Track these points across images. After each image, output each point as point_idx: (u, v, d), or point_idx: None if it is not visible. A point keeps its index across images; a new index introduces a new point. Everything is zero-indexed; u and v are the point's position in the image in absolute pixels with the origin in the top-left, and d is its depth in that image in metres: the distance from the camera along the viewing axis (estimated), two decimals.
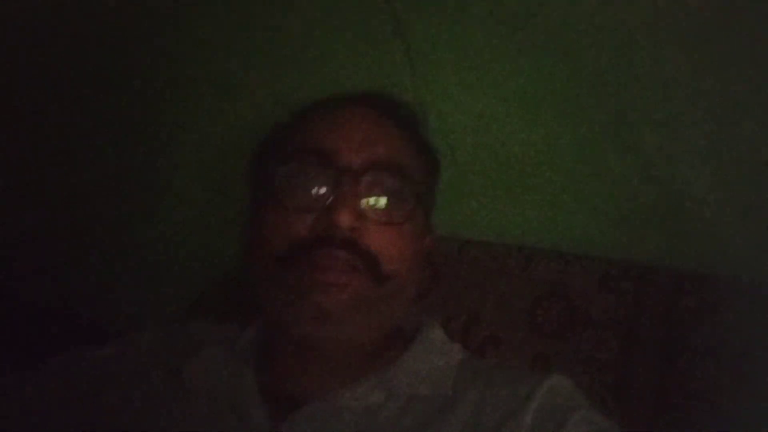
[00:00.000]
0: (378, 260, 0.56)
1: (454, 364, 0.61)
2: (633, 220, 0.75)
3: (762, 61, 0.64)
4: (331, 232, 0.55)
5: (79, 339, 0.69)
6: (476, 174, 0.81)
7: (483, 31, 0.80)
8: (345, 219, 0.55)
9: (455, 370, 0.60)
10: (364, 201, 0.57)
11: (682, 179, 0.72)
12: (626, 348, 0.69)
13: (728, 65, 0.66)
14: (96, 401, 0.60)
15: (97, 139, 0.94)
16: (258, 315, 0.66)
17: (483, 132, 0.82)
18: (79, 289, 0.99)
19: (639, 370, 0.67)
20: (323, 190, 0.57)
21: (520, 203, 0.81)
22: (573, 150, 0.77)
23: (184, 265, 0.96)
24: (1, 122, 0.92)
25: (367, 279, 0.56)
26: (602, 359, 0.69)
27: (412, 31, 0.84)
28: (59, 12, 0.82)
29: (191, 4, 0.81)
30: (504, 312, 0.74)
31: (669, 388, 0.65)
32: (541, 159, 0.79)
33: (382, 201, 0.57)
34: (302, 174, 0.58)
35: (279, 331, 0.61)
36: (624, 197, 0.76)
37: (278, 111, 0.90)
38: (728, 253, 0.70)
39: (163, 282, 0.97)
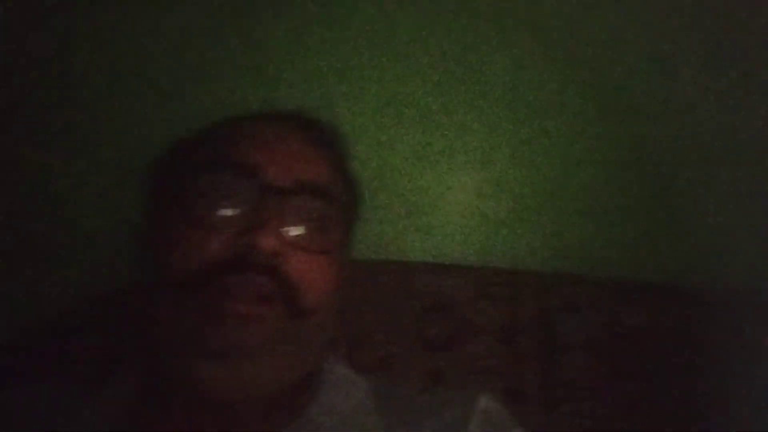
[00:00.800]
0: (299, 291, 0.49)
1: (369, 397, 0.56)
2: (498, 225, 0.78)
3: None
4: (249, 256, 0.47)
5: None
6: None
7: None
8: (268, 242, 0.47)
9: (372, 403, 0.55)
10: (288, 224, 0.50)
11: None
12: (510, 352, 0.71)
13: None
14: None
15: None
16: (129, 363, 0.54)
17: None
18: None
19: (525, 372, 0.70)
20: (244, 208, 0.49)
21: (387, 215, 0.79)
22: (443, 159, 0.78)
23: None
24: None
25: (285, 312, 0.49)
26: (491, 366, 0.70)
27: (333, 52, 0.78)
28: None
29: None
30: (391, 329, 0.71)
31: (554, 384, 0.69)
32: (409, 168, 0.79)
33: (309, 226, 0.51)
34: (220, 188, 0.49)
35: (170, 377, 0.50)
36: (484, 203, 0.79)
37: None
38: (594, 253, 0.76)
39: None
